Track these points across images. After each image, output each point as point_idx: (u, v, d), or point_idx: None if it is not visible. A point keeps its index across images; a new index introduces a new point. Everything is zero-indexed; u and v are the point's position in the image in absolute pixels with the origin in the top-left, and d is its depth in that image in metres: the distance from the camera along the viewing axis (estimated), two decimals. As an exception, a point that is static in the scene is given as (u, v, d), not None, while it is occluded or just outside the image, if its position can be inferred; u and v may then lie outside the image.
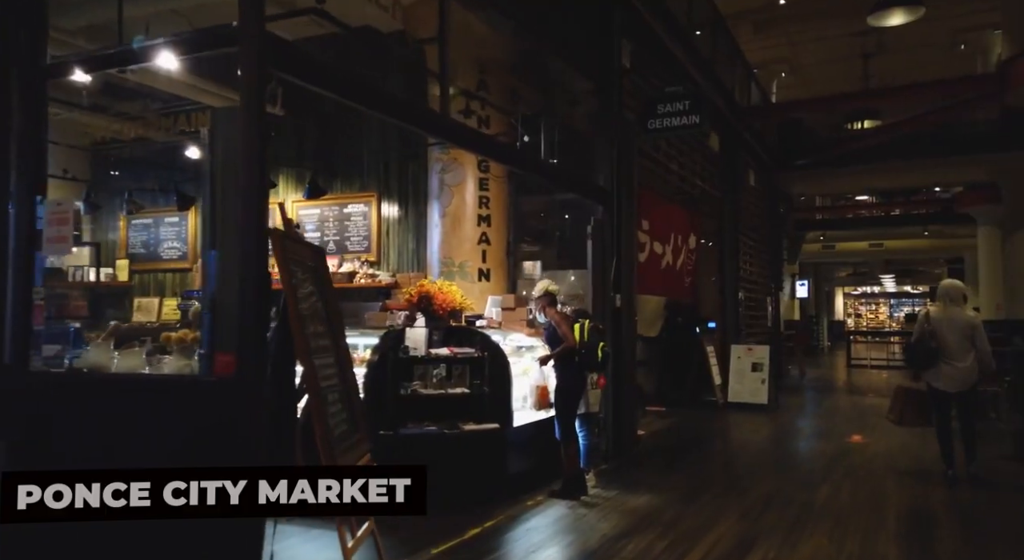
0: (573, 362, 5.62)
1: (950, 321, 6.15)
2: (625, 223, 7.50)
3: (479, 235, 7.45)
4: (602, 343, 5.65)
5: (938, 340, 6.13)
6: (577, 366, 5.62)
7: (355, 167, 8.13)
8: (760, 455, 7.79)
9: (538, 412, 6.22)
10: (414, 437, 5.32)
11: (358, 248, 8.21)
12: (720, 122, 11.89)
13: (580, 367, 5.62)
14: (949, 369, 6.15)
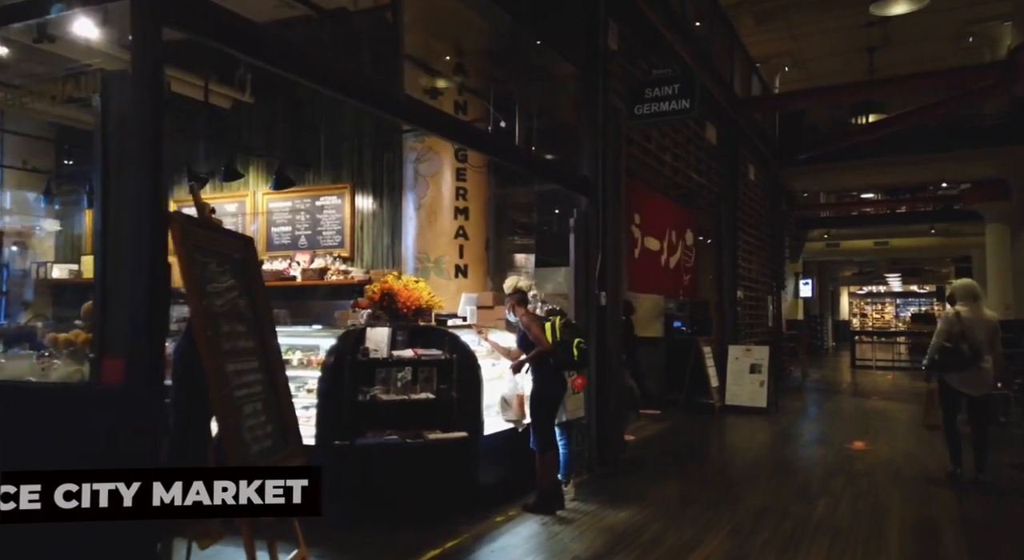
0: (548, 365, 5.19)
1: (980, 322, 5.96)
2: (612, 216, 7.05)
3: (456, 229, 7.02)
4: (577, 339, 5.20)
5: (968, 342, 5.87)
6: (553, 368, 5.19)
7: (328, 157, 7.72)
8: (755, 463, 7.34)
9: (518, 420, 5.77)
10: (372, 447, 4.88)
11: (331, 243, 7.79)
12: (717, 114, 11.43)
13: (557, 369, 5.19)
14: (978, 372, 5.92)
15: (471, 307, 6.17)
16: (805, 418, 10.42)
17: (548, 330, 5.21)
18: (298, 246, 7.89)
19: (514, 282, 5.49)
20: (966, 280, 6.49)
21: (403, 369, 5.23)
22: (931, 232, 22.09)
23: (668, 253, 10.00)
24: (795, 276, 25.37)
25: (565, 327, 5.23)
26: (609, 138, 7.04)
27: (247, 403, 2.97)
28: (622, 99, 6.92)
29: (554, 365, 5.16)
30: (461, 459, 5.15)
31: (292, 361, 5.30)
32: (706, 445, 8.43)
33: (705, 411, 10.69)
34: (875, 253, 25.51)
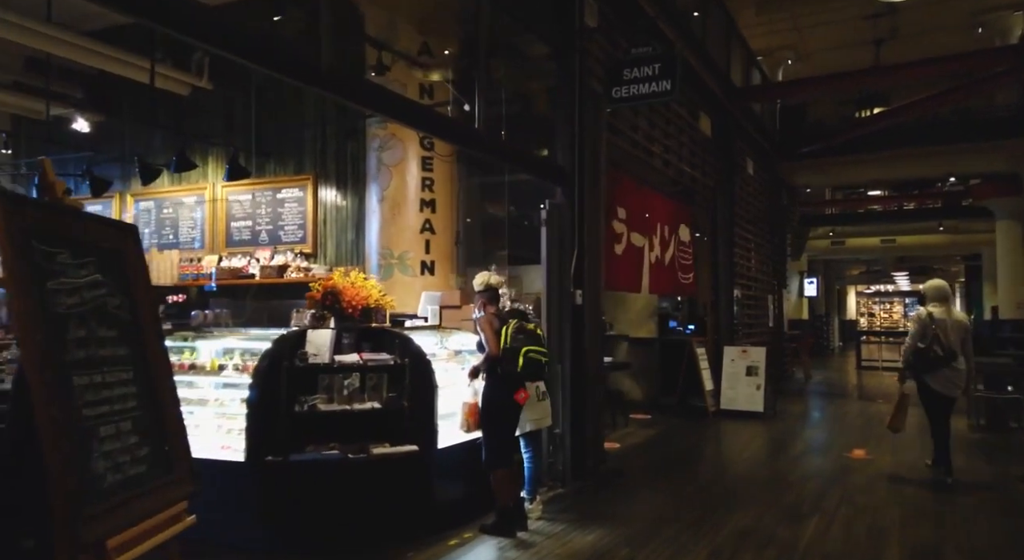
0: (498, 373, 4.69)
1: (953, 322, 6.06)
2: (589, 208, 6.54)
3: (422, 222, 6.53)
4: (527, 348, 4.67)
5: (940, 342, 5.98)
6: (503, 376, 4.68)
7: (290, 146, 7.23)
8: (745, 474, 6.81)
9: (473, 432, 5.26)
10: (308, 464, 4.38)
11: (293, 238, 7.32)
12: (711, 104, 10.90)
13: (505, 378, 4.68)
14: (951, 372, 6.04)
15: (433, 307, 5.67)
16: (804, 423, 9.88)
17: (503, 334, 4.70)
18: (259, 242, 7.42)
19: (485, 278, 5.00)
20: (937, 280, 6.50)
21: (350, 376, 4.73)
22: (939, 229, 21.43)
23: (660, 250, 9.47)
24: (800, 275, 24.80)
25: (518, 332, 4.70)
26: (587, 124, 6.53)
27: (106, 423, 2.48)
28: (601, 82, 6.40)
29: (501, 374, 4.66)
30: (412, 475, 4.65)
31: (228, 367, 4.82)
32: (695, 454, 7.91)
33: (698, 416, 10.18)
34: (882, 251, 24.84)
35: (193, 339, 5.11)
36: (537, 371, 4.79)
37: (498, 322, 4.79)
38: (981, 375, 9.35)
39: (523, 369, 4.63)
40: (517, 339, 4.67)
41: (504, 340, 4.67)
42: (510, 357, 4.62)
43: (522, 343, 4.66)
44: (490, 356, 4.66)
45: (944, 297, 6.22)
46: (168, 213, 7.93)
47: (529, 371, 4.70)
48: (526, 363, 4.64)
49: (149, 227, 7.93)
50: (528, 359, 4.65)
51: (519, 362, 4.61)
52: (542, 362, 4.75)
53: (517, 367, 4.60)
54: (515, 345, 4.64)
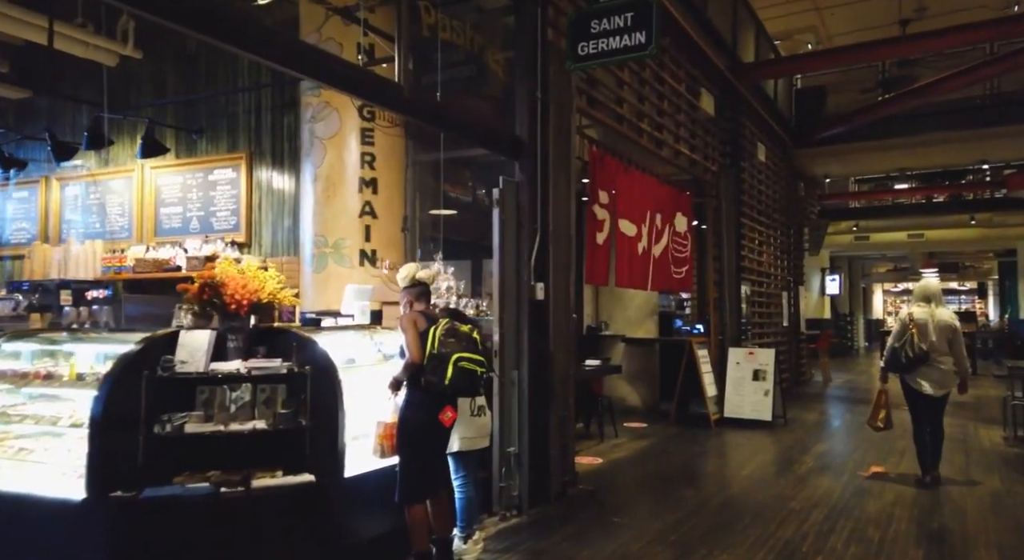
0: (420, 385, 3.78)
1: (936, 321, 6.06)
2: (558, 188, 5.62)
3: (362, 205, 5.65)
4: (459, 355, 3.76)
5: (914, 342, 6.00)
6: (426, 390, 3.78)
7: (222, 121, 6.38)
8: (740, 499, 5.84)
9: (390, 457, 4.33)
10: (166, 501, 3.49)
11: (225, 226, 6.48)
12: (715, 80, 9.88)
13: (429, 392, 3.78)
14: (933, 371, 6.03)
15: (363, 303, 4.77)
16: (816, 434, 8.85)
17: (430, 337, 3.80)
18: (190, 230, 6.61)
19: (411, 271, 4.09)
20: (925, 280, 6.60)
21: (239, 388, 3.86)
22: (971, 223, 20.09)
23: (651, 240, 8.50)
24: (821, 271, 23.57)
25: (449, 335, 3.78)
26: (552, 89, 5.59)
27: None
28: (566, 37, 5.45)
29: (424, 386, 3.75)
30: (307, 512, 3.75)
31: (88, 376, 3.96)
32: (686, 471, 6.93)
33: (699, 424, 9.19)
34: (909, 246, 23.47)
35: (62, 342, 4.27)
36: (470, 385, 3.85)
37: (425, 323, 3.88)
38: (1018, 382, 8.38)
39: (452, 382, 3.70)
40: (447, 344, 3.75)
41: (431, 344, 3.76)
42: (436, 366, 3.71)
43: (452, 349, 3.74)
44: (410, 363, 3.76)
45: (927, 297, 6.23)
46: (95, 199, 7.13)
47: (459, 385, 3.76)
48: (456, 374, 3.71)
49: (76, 214, 7.14)
50: (459, 370, 3.72)
51: (447, 373, 3.68)
52: (477, 374, 3.81)
53: (444, 379, 3.68)
54: (443, 351, 3.72)
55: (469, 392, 3.93)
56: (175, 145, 6.73)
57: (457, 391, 3.80)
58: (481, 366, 3.83)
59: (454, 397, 3.88)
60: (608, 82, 7.16)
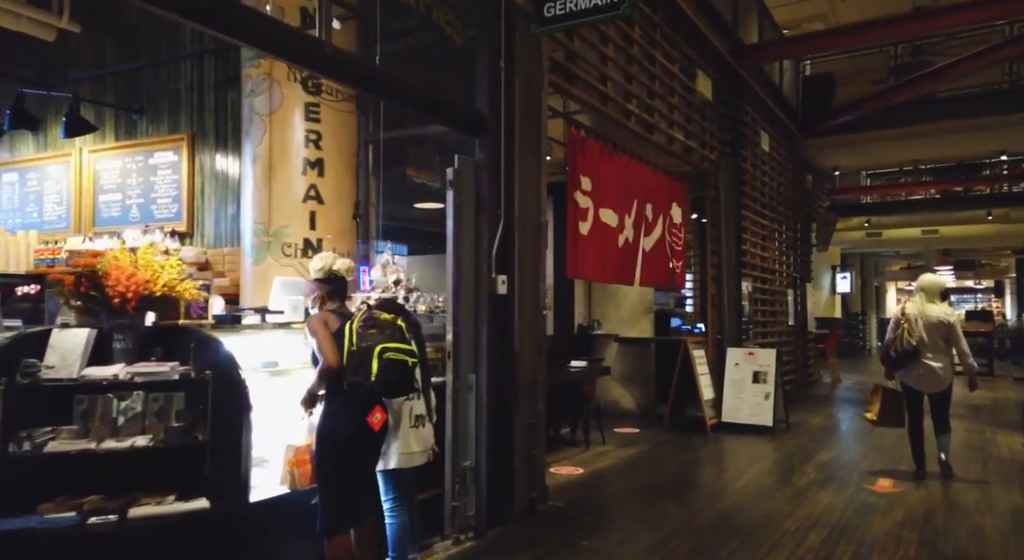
0: (342, 390, 3.21)
1: (926, 317, 6.05)
2: (523, 170, 5.03)
3: (306, 189, 5.08)
4: (384, 345, 3.14)
5: (912, 335, 6.00)
6: (348, 394, 3.20)
7: (164, 99, 5.83)
8: (729, 517, 5.24)
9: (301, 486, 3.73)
10: (17, 535, 2.92)
11: (166, 214, 5.94)
12: (713, 62, 9.25)
13: (352, 396, 3.20)
14: (922, 368, 6.03)
15: (295, 298, 4.20)
16: (820, 441, 8.22)
17: (346, 334, 3.22)
18: (129, 219, 6.08)
19: (327, 262, 3.50)
20: (928, 275, 6.49)
21: (129, 397, 3.30)
22: (988, 218, 19.30)
23: (638, 232, 7.88)
24: (832, 269, 22.82)
25: (368, 326, 3.19)
26: (519, 60, 5.01)
27: None
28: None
29: (346, 390, 3.18)
30: (200, 545, 3.18)
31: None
32: (673, 484, 6.32)
33: (695, 430, 8.59)
34: (923, 243, 22.67)
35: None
36: (401, 379, 3.25)
37: (338, 321, 3.30)
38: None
39: (379, 377, 3.12)
40: (366, 336, 3.17)
41: (348, 341, 3.18)
42: (357, 363, 3.12)
43: (375, 341, 3.16)
44: (325, 369, 3.19)
45: (922, 291, 6.20)
46: (33, 186, 6.62)
47: (389, 380, 3.17)
48: (383, 368, 3.12)
49: (13, 204, 6.63)
50: (385, 362, 3.13)
51: (372, 368, 3.10)
52: (408, 365, 3.22)
53: (370, 376, 3.10)
54: (364, 345, 3.14)
55: (402, 388, 3.32)
56: (114, 126, 6.21)
57: (388, 388, 3.19)
58: (412, 356, 3.25)
59: (384, 396, 3.29)
60: (590, 57, 6.57)
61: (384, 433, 3.34)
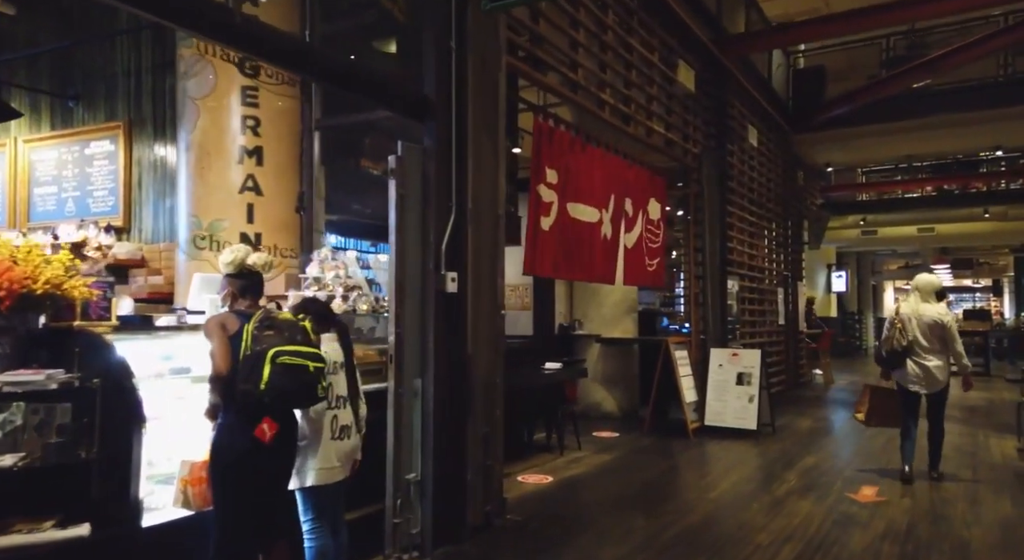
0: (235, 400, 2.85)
1: (919, 317, 6.01)
2: (477, 159, 4.68)
3: (243, 179, 4.72)
4: (278, 349, 2.78)
5: (904, 335, 5.99)
6: (239, 407, 2.84)
7: (100, 85, 5.47)
8: (697, 531, 4.88)
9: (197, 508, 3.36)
10: None
11: (103, 207, 5.59)
12: (696, 52, 8.90)
13: (245, 408, 2.84)
14: (917, 368, 5.97)
15: (214, 296, 3.84)
16: (806, 445, 7.86)
17: (244, 336, 2.86)
18: (65, 214, 5.74)
19: (240, 255, 3.14)
20: (924, 275, 6.42)
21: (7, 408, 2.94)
22: (985, 216, 18.97)
23: (618, 228, 7.55)
24: (827, 268, 22.48)
25: (264, 327, 2.84)
26: (471, 40, 4.65)
27: None
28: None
29: (240, 400, 2.82)
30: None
31: None
32: (645, 494, 5.97)
33: (676, 434, 8.25)
34: (919, 241, 22.31)
35: None
36: (299, 387, 2.83)
37: (239, 322, 2.94)
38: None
39: (270, 384, 2.74)
40: (262, 338, 2.81)
41: (244, 344, 2.82)
42: (249, 369, 2.76)
43: (269, 343, 2.80)
44: (213, 376, 2.84)
45: (916, 289, 6.18)
46: (-30, 179, 6.30)
47: (282, 387, 2.77)
48: (276, 374, 2.74)
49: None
50: (279, 368, 2.75)
51: (263, 374, 2.75)
52: (308, 371, 2.84)
53: (260, 383, 2.74)
54: (258, 348, 2.79)
55: (299, 397, 2.90)
56: (50, 114, 5.86)
57: (280, 397, 2.79)
58: (316, 361, 2.87)
59: (276, 406, 2.85)
60: (559, 42, 6.22)
61: (286, 447, 2.98)
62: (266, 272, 3.20)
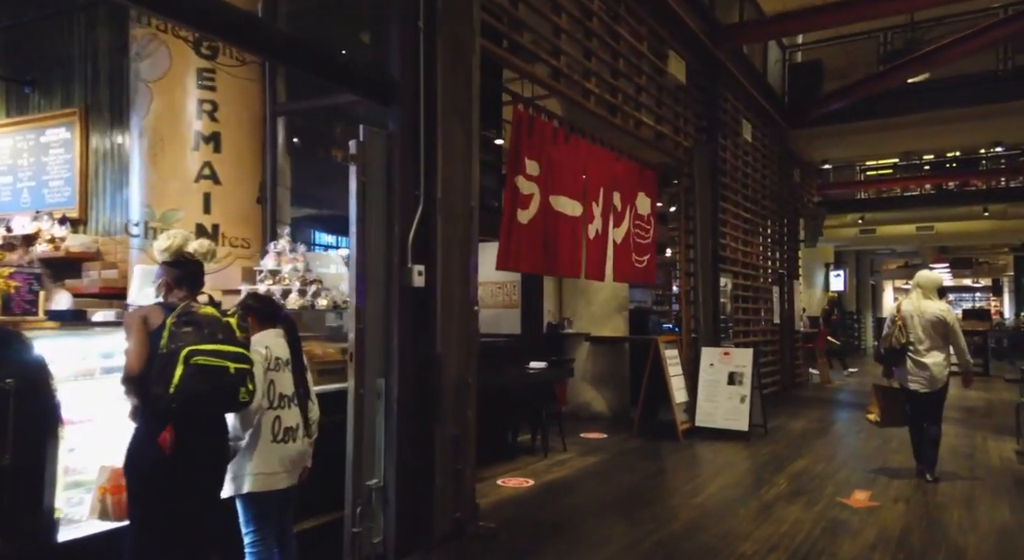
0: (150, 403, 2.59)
1: (922, 314, 5.95)
2: (447, 146, 4.43)
3: (199, 167, 4.47)
4: (192, 348, 2.51)
5: (904, 333, 5.94)
6: (152, 411, 2.58)
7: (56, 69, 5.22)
8: (678, 540, 4.64)
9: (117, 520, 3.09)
10: None
11: (59, 198, 5.35)
12: (687, 43, 8.64)
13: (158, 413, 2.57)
14: (917, 366, 5.92)
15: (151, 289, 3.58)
16: (798, 447, 7.62)
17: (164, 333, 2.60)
18: (20, 205, 5.48)
19: (176, 241, 2.85)
20: (925, 272, 6.40)
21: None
22: (984, 214, 18.70)
23: (606, 223, 7.31)
24: (825, 267, 22.23)
25: (183, 323, 2.57)
26: (442, 20, 4.40)
27: None
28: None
29: (152, 404, 2.55)
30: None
31: None
32: (628, 499, 5.71)
33: (666, 436, 8.00)
34: (918, 240, 22.06)
35: None
36: (214, 391, 2.57)
37: (163, 316, 2.67)
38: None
39: (180, 387, 2.47)
40: (179, 335, 2.54)
41: (162, 341, 2.56)
42: (161, 370, 2.50)
43: (185, 341, 2.54)
44: (124, 377, 2.58)
45: (918, 286, 6.12)
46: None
47: (194, 390, 2.50)
48: (188, 376, 2.48)
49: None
50: (192, 370, 2.49)
51: (173, 376, 2.50)
52: (228, 373, 2.58)
53: (169, 386, 2.49)
54: (173, 346, 2.52)
55: (215, 402, 2.62)
56: (5, 100, 5.61)
57: (192, 401, 2.52)
58: (239, 361, 2.60)
59: (188, 412, 2.56)
60: (541, 28, 5.97)
61: (209, 455, 2.70)
62: (207, 261, 2.94)
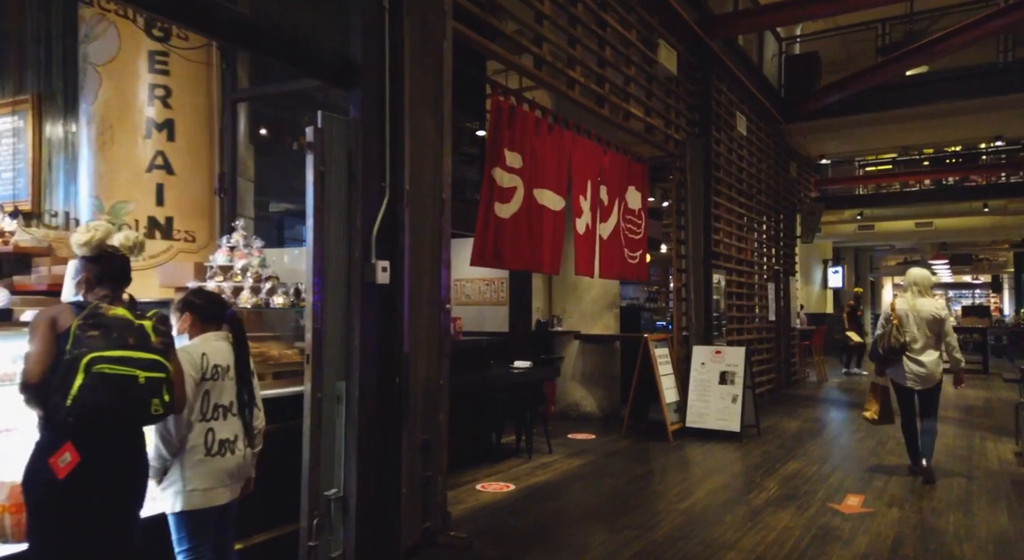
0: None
1: (918, 312, 5.91)
2: (416, 134, 4.17)
3: (152, 156, 4.22)
4: (96, 354, 2.21)
5: (902, 332, 5.88)
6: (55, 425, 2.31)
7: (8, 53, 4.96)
8: (659, 549, 4.40)
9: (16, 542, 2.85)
10: None
11: (10, 191, 5.07)
12: (679, 33, 8.38)
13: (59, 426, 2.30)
14: (911, 364, 5.88)
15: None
16: (791, 448, 7.38)
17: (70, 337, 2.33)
18: (-27, 198, 5.25)
19: (98, 234, 2.51)
20: (918, 269, 6.27)
21: None
22: (984, 210, 18.47)
23: (595, 218, 7.06)
24: (824, 263, 21.99)
25: (88, 326, 2.27)
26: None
27: None
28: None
29: (51, 416, 2.28)
30: None
31: None
32: (610, 504, 5.47)
33: (656, 436, 7.77)
34: (917, 236, 21.83)
35: None
36: (120, 403, 2.26)
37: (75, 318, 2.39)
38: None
39: (78, 399, 2.18)
40: (84, 340, 2.26)
41: (67, 346, 2.29)
42: (61, 379, 2.22)
43: (90, 347, 2.26)
44: (21, 385, 2.31)
45: (913, 283, 6.06)
46: None
47: (93, 403, 2.20)
48: (90, 386, 2.19)
49: None
50: (94, 379, 2.20)
51: (71, 387, 2.24)
52: (137, 383, 2.28)
53: (66, 398, 2.24)
54: (76, 352, 2.25)
55: (123, 416, 2.33)
56: (-42, 88, 5.40)
57: (89, 414, 2.22)
58: (152, 369, 2.32)
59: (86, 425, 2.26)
60: (523, 13, 5.71)
61: (121, 471, 2.43)
62: (134, 255, 2.67)
